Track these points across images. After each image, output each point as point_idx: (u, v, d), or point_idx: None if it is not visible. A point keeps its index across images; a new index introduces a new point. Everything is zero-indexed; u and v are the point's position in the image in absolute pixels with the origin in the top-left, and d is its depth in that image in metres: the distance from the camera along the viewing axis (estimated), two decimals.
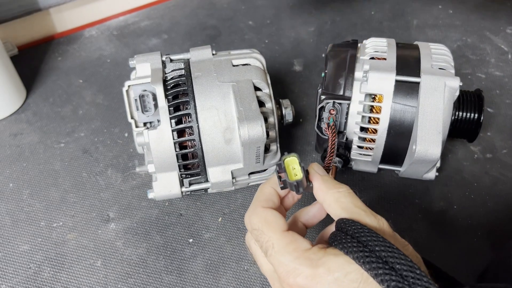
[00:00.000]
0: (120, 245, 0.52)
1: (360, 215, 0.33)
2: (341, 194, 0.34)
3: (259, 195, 0.37)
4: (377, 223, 0.32)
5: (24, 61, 0.74)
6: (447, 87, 0.47)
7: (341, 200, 0.34)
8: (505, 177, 0.58)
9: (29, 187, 0.58)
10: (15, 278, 0.50)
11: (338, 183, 0.35)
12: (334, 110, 0.49)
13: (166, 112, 0.46)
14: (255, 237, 0.35)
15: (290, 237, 0.33)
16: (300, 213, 0.39)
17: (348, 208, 0.33)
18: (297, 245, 0.32)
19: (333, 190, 0.35)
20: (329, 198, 0.34)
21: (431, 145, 0.46)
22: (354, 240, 0.30)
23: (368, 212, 0.33)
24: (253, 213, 0.35)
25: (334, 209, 0.34)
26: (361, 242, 0.30)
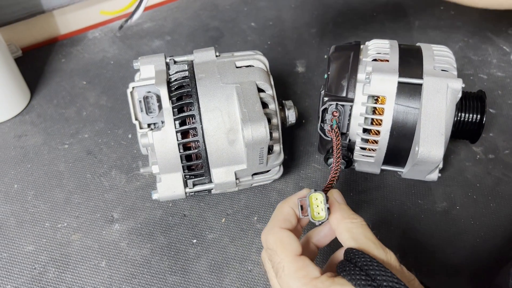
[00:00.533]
0: (124, 245, 0.52)
1: (370, 246, 0.34)
2: (354, 225, 0.36)
3: (278, 214, 0.38)
4: (385, 256, 0.33)
5: (28, 63, 0.74)
6: (449, 88, 0.48)
7: (353, 230, 0.35)
8: (508, 177, 0.58)
9: (34, 188, 0.58)
10: (20, 278, 0.50)
11: (353, 214, 0.37)
12: (337, 112, 0.50)
13: (170, 113, 0.47)
14: (269, 256, 0.36)
15: (301, 263, 0.34)
16: (312, 233, 0.40)
17: (359, 239, 0.34)
18: (307, 272, 0.33)
19: (347, 220, 0.36)
20: (342, 226, 0.36)
21: (433, 146, 0.47)
22: (363, 272, 0.31)
23: (378, 244, 0.34)
24: (270, 232, 0.36)
25: (345, 238, 0.35)
26: (369, 276, 0.31)
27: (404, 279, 0.32)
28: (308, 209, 0.36)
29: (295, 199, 0.38)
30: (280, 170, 0.53)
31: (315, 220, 0.36)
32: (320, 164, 0.60)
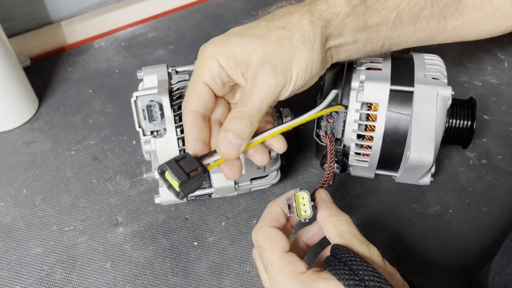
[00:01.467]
0: (128, 248, 0.55)
1: (354, 243, 0.36)
2: (340, 222, 0.38)
3: (267, 214, 0.40)
4: (369, 252, 0.35)
5: (36, 72, 0.77)
6: (439, 96, 0.50)
7: (339, 227, 0.37)
8: (500, 182, 0.59)
9: (42, 193, 0.61)
10: (29, 279, 0.52)
11: (339, 212, 0.39)
12: (331, 118, 0.52)
13: (172, 121, 0.49)
14: (259, 253, 0.38)
15: (288, 259, 0.36)
16: (302, 232, 0.42)
17: (344, 236, 0.36)
18: (294, 267, 0.35)
19: (333, 218, 0.38)
20: (329, 224, 0.38)
21: (424, 151, 0.49)
22: (346, 267, 0.33)
23: (362, 240, 0.36)
24: (259, 231, 0.38)
25: (332, 235, 0.37)
26: (352, 270, 0.33)
27: (385, 273, 0.34)
28: (294, 208, 0.39)
29: (283, 199, 0.40)
30: (278, 175, 0.55)
31: (301, 217, 0.39)
32: (317, 170, 0.62)
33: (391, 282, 0.33)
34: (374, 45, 0.45)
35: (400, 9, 0.44)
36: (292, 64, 0.39)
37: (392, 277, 0.35)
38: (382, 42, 0.45)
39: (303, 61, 0.40)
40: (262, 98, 0.38)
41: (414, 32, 0.46)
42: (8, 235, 0.56)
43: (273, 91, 0.39)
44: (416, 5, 0.44)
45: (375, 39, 0.45)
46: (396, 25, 0.45)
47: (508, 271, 0.37)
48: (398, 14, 0.44)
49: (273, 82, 0.38)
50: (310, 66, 0.40)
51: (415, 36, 0.47)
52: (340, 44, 0.43)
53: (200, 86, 0.40)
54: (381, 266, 0.35)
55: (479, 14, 0.47)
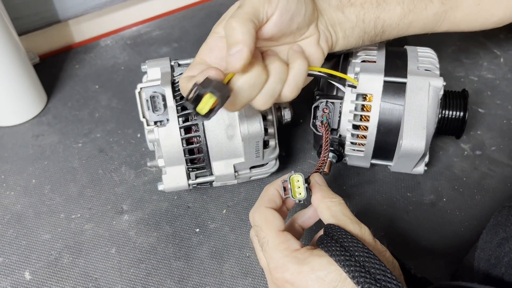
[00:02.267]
0: (133, 234, 0.57)
1: (346, 222, 0.37)
2: (333, 203, 0.39)
3: (264, 195, 0.42)
4: (360, 231, 0.37)
5: (45, 69, 0.79)
6: (431, 86, 0.52)
7: (332, 208, 0.39)
8: (493, 172, 0.61)
9: (50, 183, 0.63)
10: (38, 263, 0.55)
11: (332, 194, 0.40)
12: (327, 109, 0.54)
13: (174, 111, 0.51)
14: (256, 232, 0.40)
15: (283, 237, 0.37)
16: (297, 215, 0.44)
17: (337, 216, 0.38)
18: (288, 245, 0.37)
19: (327, 199, 0.40)
20: (322, 205, 0.39)
21: (416, 139, 0.50)
22: (338, 244, 0.35)
23: (354, 220, 0.38)
24: (256, 211, 0.40)
25: (325, 216, 0.39)
26: (343, 247, 0.34)
27: (375, 250, 0.36)
28: (289, 189, 0.41)
29: (279, 182, 0.42)
30: (276, 163, 0.57)
31: (296, 198, 0.41)
32: (315, 160, 0.64)
33: (381, 258, 0.35)
34: (366, 24, 0.47)
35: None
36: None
37: (382, 254, 0.37)
38: (374, 22, 0.47)
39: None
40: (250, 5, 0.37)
41: (403, 14, 0.48)
42: (18, 222, 0.59)
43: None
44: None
45: (365, 17, 0.47)
46: (381, 5, 0.47)
47: (492, 246, 0.39)
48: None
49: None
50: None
51: (406, 19, 0.48)
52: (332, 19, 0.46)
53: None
54: (372, 244, 0.37)
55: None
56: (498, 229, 0.39)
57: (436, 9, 0.49)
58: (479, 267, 0.40)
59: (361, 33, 0.48)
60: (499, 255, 0.38)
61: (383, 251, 0.37)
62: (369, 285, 0.32)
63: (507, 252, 0.37)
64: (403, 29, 0.50)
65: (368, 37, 0.49)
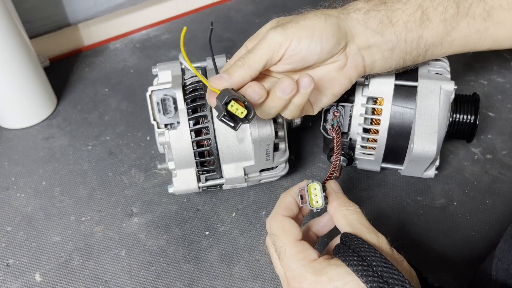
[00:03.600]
0: (143, 237, 0.57)
1: (363, 231, 0.37)
2: (350, 211, 0.39)
3: (280, 203, 0.42)
4: (377, 240, 0.36)
5: (55, 72, 0.80)
6: (442, 90, 0.51)
7: (348, 216, 0.39)
8: (504, 176, 0.61)
9: (60, 185, 0.63)
10: (48, 265, 0.55)
11: (349, 202, 0.40)
12: (337, 112, 0.54)
13: (185, 114, 0.51)
14: (272, 241, 0.40)
15: (301, 246, 0.37)
16: (312, 223, 0.44)
17: (353, 224, 0.38)
18: (306, 255, 0.36)
19: (343, 208, 0.39)
20: (339, 213, 0.39)
21: (427, 143, 0.50)
22: (355, 254, 0.34)
23: (371, 229, 0.37)
24: (273, 219, 0.40)
25: (341, 224, 0.39)
26: (361, 257, 0.34)
27: (393, 260, 0.35)
28: (307, 198, 0.40)
29: (295, 190, 0.42)
30: (286, 167, 0.57)
31: (313, 207, 0.40)
32: (325, 164, 0.64)
33: (398, 268, 0.34)
34: (408, 45, 0.45)
35: (424, 7, 0.45)
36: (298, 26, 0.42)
37: (400, 264, 0.36)
38: (416, 41, 0.45)
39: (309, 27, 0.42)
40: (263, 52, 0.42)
41: (446, 32, 0.46)
42: (28, 224, 0.59)
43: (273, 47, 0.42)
44: (440, 4, 0.45)
45: (407, 37, 0.45)
46: (424, 23, 0.45)
47: (510, 256, 0.38)
48: (424, 12, 0.44)
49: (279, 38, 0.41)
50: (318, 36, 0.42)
51: (449, 37, 0.46)
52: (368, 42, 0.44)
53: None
54: (389, 253, 0.36)
55: (509, 15, 0.46)
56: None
57: (478, 26, 0.46)
58: (497, 277, 0.39)
59: (402, 54, 0.46)
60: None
61: (401, 261, 0.37)
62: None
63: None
64: (445, 47, 0.47)
65: (410, 57, 0.47)
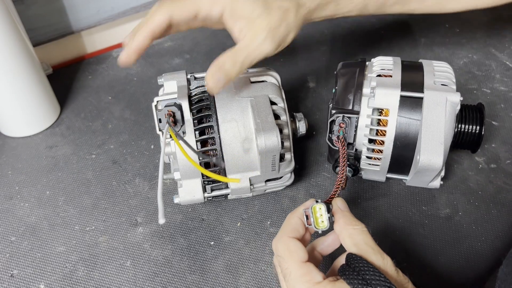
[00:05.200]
0: (148, 247, 0.57)
1: (368, 252, 0.37)
2: (356, 231, 0.39)
3: (286, 225, 0.42)
4: (382, 262, 0.37)
5: (58, 80, 0.80)
6: (448, 101, 0.51)
7: (354, 236, 0.39)
8: (509, 185, 0.61)
9: (64, 194, 0.63)
10: (53, 276, 0.54)
11: (355, 220, 0.40)
12: (343, 124, 0.54)
13: (191, 124, 0.51)
14: (278, 262, 0.40)
15: (306, 269, 0.37)
16: (317, 242, 0.44)
17: (359, 245, 0.38)
18: (311, 277, 0.37)
19: (349, 226, 0.39)
20: (345, 232, 0.39)
21: (433, 155, 0.50)
22: (360, 276, 0.35)
23: (376, 250, 0.37)
24: (279, 241, 0.40)
25: (347, 244, 0.39)
26: (365, 280, 0.34)
27: (398, 282, 0.36)
28: (312, 219, 0.40)
29: (301, 210, 0.42)
30: (292, 177, 0.57)
31: (319, 228, 0.40)
32: (329, 173, 0.64)
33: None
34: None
35: None
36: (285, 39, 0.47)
37: (405, 286, 0.37)
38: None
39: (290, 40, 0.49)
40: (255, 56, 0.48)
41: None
42: (32, 234, 0.59)
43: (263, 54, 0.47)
44: None
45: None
46: None
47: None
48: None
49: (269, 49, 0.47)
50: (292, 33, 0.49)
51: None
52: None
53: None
54: (394, 276, 0.37)
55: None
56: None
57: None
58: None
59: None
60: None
61: (406, 283, 0.37)
62: None
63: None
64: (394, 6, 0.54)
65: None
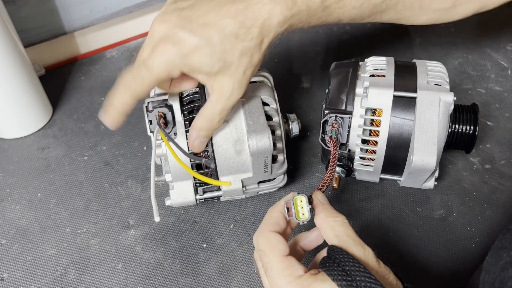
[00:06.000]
0: (139, 249, 0.56)
1: (349, 244, 0.37)
2: (336, 223, 0.39)
3: (267, 218, 0.41)
4: (363, 253, 0.37)
5: (50, 81, 0.79)
6: (441, 101, 0.51)
7: (335, 228, 0.38)
8: (503, 186, 0.60)
9: (56, 196, 0.63)
10: (43, 279, 0.54)
11: (336, 213, 0.40)
12: (336, 124, 0.53)
13: (182, 126, 0.51)
14: (259, 256, 0.40)
15: (288, 263, 0.37)
16: (300, 237, 0.44)
17: (340, 236, 0.38)
18: (292, 271, 0.36)
19: (330, 219, 0.39)
20: (326, 225, 0.39)
21: (427, 155, 0.50)
22: (340, 268, 0.35)
23: (357, 242, 0.37)
24: (260, 235, 0.40)
25: (328, 236, 0.39)
26: (345, 271, 0.34)
27: (379, 273, 0.36)
28: (293, 211, 0.40)
29: (282, 203, 0.42)
30: (284, 178, 0.56)
31: (299, 220, 0.40)
32: (323, 174, 0.63)
33: (384, 281, 0.35)
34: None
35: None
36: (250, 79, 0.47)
37: (386, 277, 0.36)
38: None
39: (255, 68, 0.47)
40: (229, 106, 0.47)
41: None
42: (23, 237, 0.58)
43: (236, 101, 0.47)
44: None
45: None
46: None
47: (496, 270, 0.38)
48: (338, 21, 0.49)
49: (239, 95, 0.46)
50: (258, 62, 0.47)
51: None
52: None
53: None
54: (375, 267, 0.36)
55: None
56: (502, 253, 0.39)
57: None
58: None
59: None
60: (503, 279, 0.37)
61: (387, 273, 0.37)
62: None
63: (511, 276, 0.37)
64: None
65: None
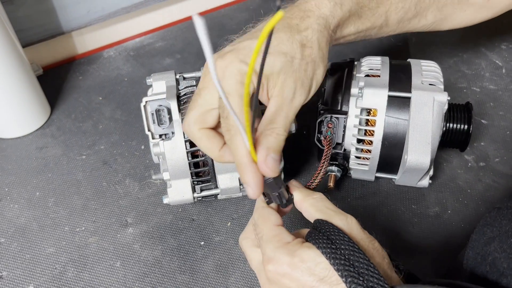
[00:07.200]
0: (137, 247, 0.57)
1: (331, 215, 0.39)
2: (316, 199, 0.41)
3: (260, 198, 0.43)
4: (346, 221, 0.39)
5: (48, 81, 0.79)
6: (436, 101, 0.52)
7: (315, 204, 0.41)
8: (497, 183, 0.61)
9: (54, 195, 0.63)
10: (42, 277, 0.54)
11: (313, 192, 0.42)
12: (331, 124, 0.54)
13: (180, 124, 0.51)
14: (255, 231, 0.41)
15: (278, 231, 0.39)
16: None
17: (322, 210, 0.40)
18: (281, 238, 0.38)
19: (309, 197, 0.41)
20: (306, 204, 0.41)
21: (421, 155, 0.51)
22: (325, 237, 0.36)
23: (338, 212, 0.39)
24: (255, 211, 0.42)
25: (311, 212, 0.41)
26: (330, 240, 0.36)
27: (363, 241, 0.37)
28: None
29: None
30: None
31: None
32: None
33: (370, 247, 0.37)
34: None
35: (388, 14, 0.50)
36: (313, 80, 0.44)
37: (372, 243, 0.38)
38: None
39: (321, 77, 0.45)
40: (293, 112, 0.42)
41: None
42: (22, 235, 0.58)
43: (299, 106, 0.43)
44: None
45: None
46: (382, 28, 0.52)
47: (479, 245, 0.40)
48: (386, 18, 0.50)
49: (303, 98, 0.42)
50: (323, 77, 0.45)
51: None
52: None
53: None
54: (359, 235, 0.38)
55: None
56: (486, 229, 0.40)
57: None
58: (467, 265, 0.41)
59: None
60: (484, 254, 0.39)
61: (372, 241, 0.38)
62: (352, 278, 0.33)
63: (492, 251, 0.38)
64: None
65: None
